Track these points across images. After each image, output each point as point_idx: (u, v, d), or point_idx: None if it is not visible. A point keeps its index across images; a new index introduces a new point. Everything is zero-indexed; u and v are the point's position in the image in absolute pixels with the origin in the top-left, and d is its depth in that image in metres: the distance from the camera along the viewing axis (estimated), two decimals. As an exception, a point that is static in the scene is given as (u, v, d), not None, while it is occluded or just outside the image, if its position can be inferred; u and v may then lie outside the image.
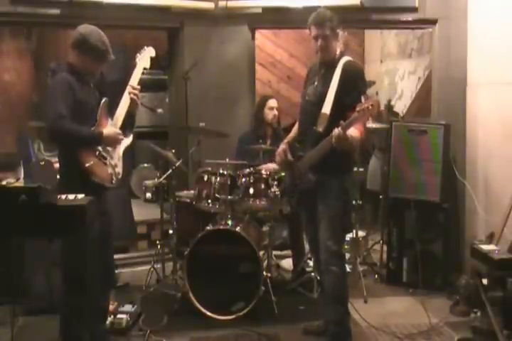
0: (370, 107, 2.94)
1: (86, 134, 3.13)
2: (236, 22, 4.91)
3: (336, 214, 3.28)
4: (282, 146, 3.49)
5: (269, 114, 4.57)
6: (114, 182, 3.26)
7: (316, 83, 3.36)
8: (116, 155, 3.32)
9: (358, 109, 2.97)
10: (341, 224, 3.34)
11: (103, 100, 3.26)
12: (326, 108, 3.21)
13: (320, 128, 3.21)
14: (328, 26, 3.25)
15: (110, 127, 3.24)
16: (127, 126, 3.39)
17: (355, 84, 3.21)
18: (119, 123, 3.30)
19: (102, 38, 3.18)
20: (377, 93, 6.78)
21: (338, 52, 3.35)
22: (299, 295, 4.15)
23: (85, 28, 3.20)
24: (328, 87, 3.24)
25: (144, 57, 3.53)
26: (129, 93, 3.33)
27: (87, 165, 3.08)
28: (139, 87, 3.38)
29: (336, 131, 3.02)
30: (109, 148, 3.24)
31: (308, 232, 3.60)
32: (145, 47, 3.59)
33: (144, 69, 3.53)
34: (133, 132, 3.51)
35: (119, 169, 3.33)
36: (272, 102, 4.59)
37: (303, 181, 3.35)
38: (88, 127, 3.15)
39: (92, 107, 3.21)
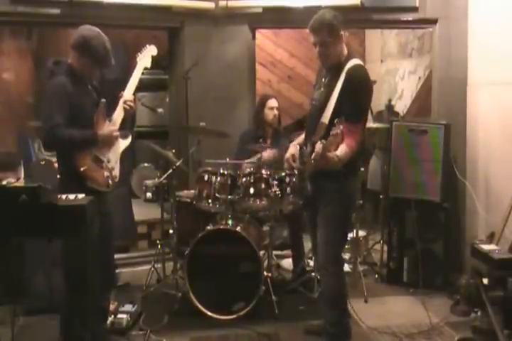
0: (337, 134, 2.81)
1: (81, 138, 3.14)
2: (236, 22, 4.90)
3: (334, 219, 3.22)
4: (291, 151, 3.42)
5: (270, 114, 4.56)
6: (110, 186, 3.26)
7: (322, 89, 3.25)
8: (114, 158, 3.32)
9: (331, 133, 2.85)
10: (340, 229, 3.28)
11: (101, 101, 3.26)
12: (325, 117, 3.11)
13: (316, 139, 3.10)
14: (326, 32, 3.07)
15: (106, 127, 3.24)
16: (126, 127, 3.39)
17: (354, 95, 3.07)
18: (118, 124, 3.31)
19: (104, 43, 3.14)
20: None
21: (344, 54, 3.18)
22: (299, 295, 4.15)
23: (88, 31, 3.16)
24: (331, 94, 3.12)
25: (145, 56, 3.52)
26: (124, 102, 3.34)
27: (82, 169, 3.09)
28: (132, 98, 3.38)
29: (314, 155, 2.91)
30: (106, 151, 3.24)
31: (312, 235, 3.55)
32: (147, 46, 3.57)
33: (145, 68, 3.53)
34: (132, 133, 3.52)
35: (116, 172, 3.32)
36: (272, 102, 4.58)
37: (302, 187, 3.35)
38: (83, 130, 3.15)
39: (89, 109, 3.21)
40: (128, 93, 3.37)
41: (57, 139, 3.06)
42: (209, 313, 3.76)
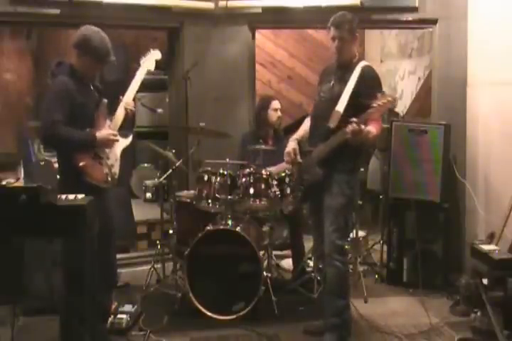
0: (386, 102, 3.04)
1: (79, 138, 3.17)
2: (236, 22, 4.90)
3: (341, 208, 3.33)
4: (292, 145, 3.52)
5: (274, 116, 4.56)
6: (109, 182, 3.27)
7: (332, 83, 3.41)
8: (113, 156, 3.34)
9: (374, 104, 3.05)
10: (346, 219, 3.39)
11: (102, 102, 3.28)
12: (340, 106, 3.27)
13: (332, 125, 3.27)
14: (346, 29, 3.30)
15: (105, 129, 3.26)
16: (127, 127, 3.41)
17: (372, 89, 3.24)
18: (117, 127, 3.34)
19: (103, 40, 3.23)
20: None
21: (356, 55, 3.41)
22: (299, 295, 4.14)
23: (88, 30, 3.24)
24: (344, 87, 3.30)
25: (149, 60, 3.59)
26: (125, 105, 3.38)
27: (80, 164, 3.12)
28: (133, 103, 3.43)
29: (351, 126, 3.10)
30: (105, 149, 3.27)
31: (312, 223, 3.62)
32: (151, 50, 3.64)
33: (148, 71, 3.56)
34: (133, 132, 3.54)
35: (116, 169, 3.35)
36: (276, 104, 4.59)
37: (310, 174, 3.41)
38: (82, 130, 3.18)
39: (91, 109, 3.25)
40: (129, 95, 3.41)
41: (56, 136, 3.09)
42: (209, 313, 3.76)
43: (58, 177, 3.32)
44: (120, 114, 3.37)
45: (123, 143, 3.43)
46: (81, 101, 3.17)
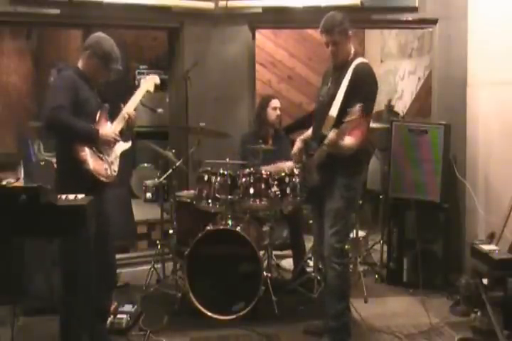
0: (356, 118, 2.99)
1: (81, 129, 3.16)
2: (236, 22, 4.91)
3: (342, 211, 3.32)
4: (298, 145, 3.54)
5: (273, 115, 4.56)
6: (109, 177, 3.27)
7: (329, 85, 3.40)
8: (114, 154, 3.36)
9: (345, 120, 3.02)
10: (346, 222, 3.38)
11: (104, 106, 3.33)
12: (333, 111, 3.23)
13: (326, 131, 3.22)
14: (337, 31, 3.27)
15: (109, 128, 3.28)
16: (126, 133, 3.44)
17: (361, 87, 3.22)
18: (117, 131, 3.35)
19: (114, 47, 3.30)
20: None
21: (351, 53, 3.37)
22: (299, 295, 4.14)
23: (101, 35, 3.34)
24: (338, 89, 3.26)
25: (148, 82, 3.64)
26: (125, 117, 3.41)
27: (82, 153, 3.12)
28: (134, 114, 3.46)
29: (327, 140, 3.11)
30: (106, 147, 3.28)
31: (314, 224, 3.62)
32: (150, 75, 3.76)
33: (148, 92, 3.62)
34: (132, 139, 3.58)
35: (115, 167, 3.36)
36: (276, 102, 4.59)
37: (310, 178, 3.41)
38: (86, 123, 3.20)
39: (93, 108, 3.26)
40: (130, 106, 3.46)
41: (57, 121, 3.07)
42: (209, 313, 3.76)
43: (56, 176, 3.30)
44: (121, 120, 3.40)
45: (123, 145, 3.44)
46: (84, 98, 3.19)
